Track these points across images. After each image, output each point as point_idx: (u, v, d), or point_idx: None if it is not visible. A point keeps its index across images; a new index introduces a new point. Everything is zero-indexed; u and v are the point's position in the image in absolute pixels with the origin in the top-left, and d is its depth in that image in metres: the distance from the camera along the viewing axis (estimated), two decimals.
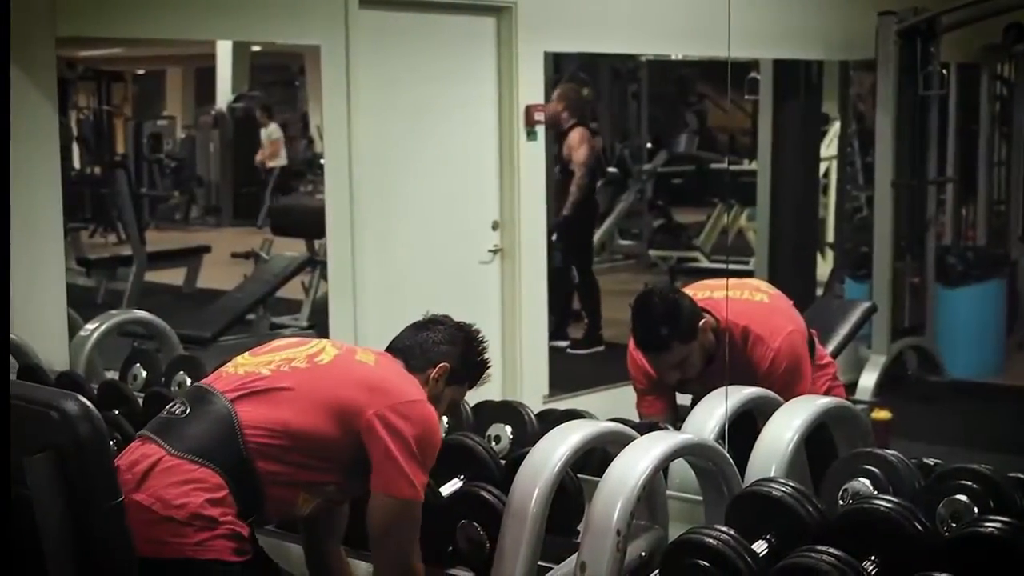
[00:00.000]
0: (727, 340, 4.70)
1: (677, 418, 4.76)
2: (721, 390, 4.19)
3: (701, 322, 4.68)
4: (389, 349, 3.84)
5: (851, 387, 8.38)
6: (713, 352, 4.73)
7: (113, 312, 6.53)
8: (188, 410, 3.52)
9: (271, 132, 16.60)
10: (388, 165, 7.12)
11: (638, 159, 14.61)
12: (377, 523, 3.51)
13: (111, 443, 3.42)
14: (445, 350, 3.82)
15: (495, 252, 7.67)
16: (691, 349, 4.68)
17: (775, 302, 5.07)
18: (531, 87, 7.65)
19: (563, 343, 10.19)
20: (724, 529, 3.15)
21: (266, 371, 3.60)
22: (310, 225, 8.54)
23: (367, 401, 3.52)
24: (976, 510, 3.40)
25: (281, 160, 16.52)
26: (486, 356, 3.95)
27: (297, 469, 3.49)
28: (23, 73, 5.79)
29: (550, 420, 4.41)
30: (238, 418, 3.44)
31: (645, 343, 4.76)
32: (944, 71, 9.54)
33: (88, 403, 2.97)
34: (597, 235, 12.64)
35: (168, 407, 3.59)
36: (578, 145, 10.30)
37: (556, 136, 10.37)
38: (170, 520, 3.29)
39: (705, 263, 12.93)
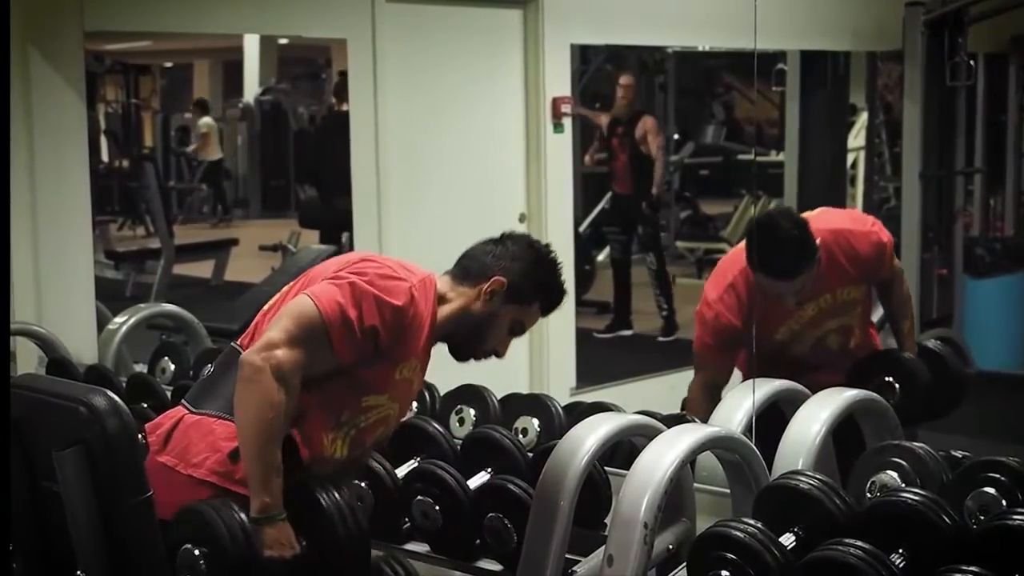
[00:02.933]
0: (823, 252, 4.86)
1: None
2: (748, 383, 4.20)
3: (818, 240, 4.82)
4: None
5: None
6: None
7: (142, 305, 6.55)
8: (212, 370, 3.54)
9: (201, 125, 16.64)
10: (415, 158, 7.12)
11: (665, 150, 14.61)
12: (284, 310, 3.34)
13: (140, 437, 3.44)
14: (505, 265, 3.60)
15: None
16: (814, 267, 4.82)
17: (831, 209, 5.37)
18: (557, 79, 7.64)
19: (627, 332, 10.51)
20: (752, 522, 3.15)
21: (266, 307, 3.53)
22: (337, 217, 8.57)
23: (335, 271, 3.41)
24: (1004, 503, 3.39)
25: (216, 153, 16.60)
26: (559, 278, 3.70)
27: (306, 395, 3.33)
28: (51, 67, 5.82)
29: (577, 413, 4.42)
30: None
31: (783, 270, 4.77)
32: (972, 61, 9.49)
33: (116, 398, 2.98)
34: None
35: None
36: (657, 133, 10.66)
37: (615, 123, 10.48)
38: (189, 479, 3.29)
39: None
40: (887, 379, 4.99)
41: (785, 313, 4.93)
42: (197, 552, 3.17)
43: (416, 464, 3.97)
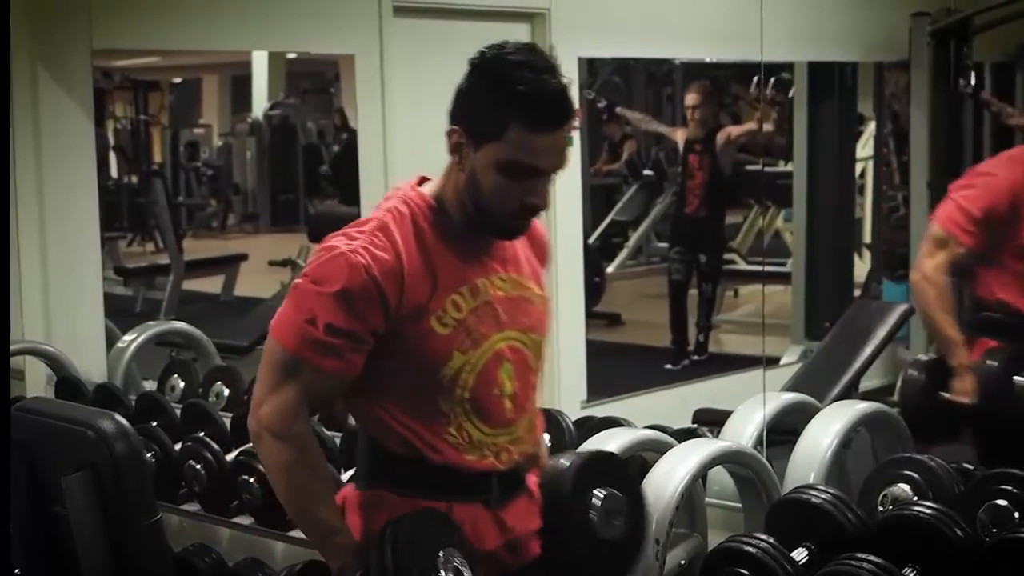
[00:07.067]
0: None
1: None
2: (757, 397, 4.19)
3: None
4: None
5: (890, 389, 8.32)
6: None
7: (151, 323, 6.56)
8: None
9: None
10: (423, 172, 7.10)
11: (673, 162, 14.59)
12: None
13: (148, 456, 3.43)
14: (453, 113, 3.01)
15: None
16: None
17: None
18: None
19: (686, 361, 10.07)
20: (763, 537, 3.14)
21: None
22: None
23: None
24: (1017, 515, 3.38)
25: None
26: (516, 77, 2.97)
27: (390, 419, 2.91)
28: (58, 84, 5.82)
29: (588, 428, 4.41)
30: None
31: None
32: (978, 70, 9.49)
33: (124, 421, 2.97)
34: (633, 238, 12.65)
35: None
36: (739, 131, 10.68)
37: (692, 140, 10.40)
38: None
39: (742, 265, 12.89)
40: None
41: None
42: None
43: None
